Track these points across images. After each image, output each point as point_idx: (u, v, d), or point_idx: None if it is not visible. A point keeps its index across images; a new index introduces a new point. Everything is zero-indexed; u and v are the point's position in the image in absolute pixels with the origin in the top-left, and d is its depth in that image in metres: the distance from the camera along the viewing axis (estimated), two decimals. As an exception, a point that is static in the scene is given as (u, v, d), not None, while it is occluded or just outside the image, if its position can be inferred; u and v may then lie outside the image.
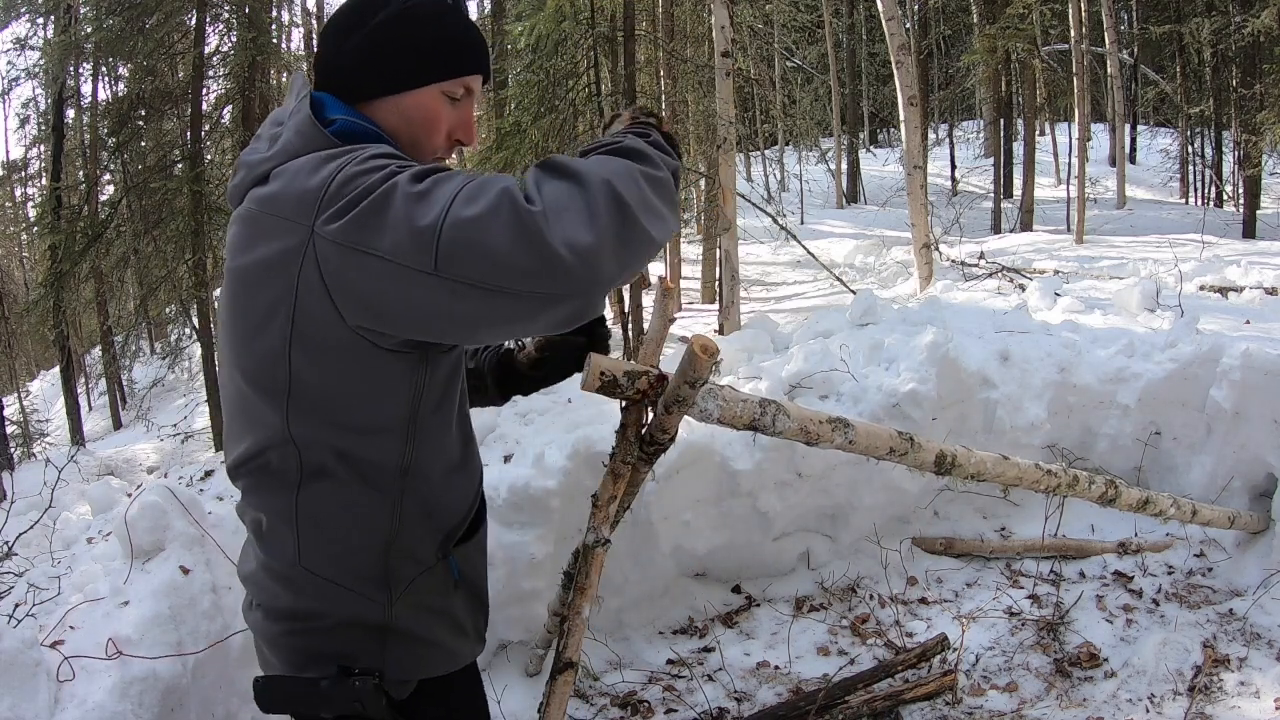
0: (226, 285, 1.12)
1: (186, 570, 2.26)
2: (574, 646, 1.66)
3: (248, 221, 1.08)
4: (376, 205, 0.96)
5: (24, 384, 17.36)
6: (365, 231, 0.96)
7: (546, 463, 2.90)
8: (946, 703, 2.62)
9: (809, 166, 18.31)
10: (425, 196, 0.95)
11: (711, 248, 11.82)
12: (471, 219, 0.92)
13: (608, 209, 0.94)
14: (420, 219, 0.93)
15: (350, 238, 0.96)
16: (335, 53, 1.19)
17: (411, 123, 1.19)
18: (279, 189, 1.04)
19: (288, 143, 1.09)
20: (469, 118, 1.24)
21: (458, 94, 1.21)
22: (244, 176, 1.12)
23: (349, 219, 0.96)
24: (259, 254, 1.04)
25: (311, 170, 1.03)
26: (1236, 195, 15.74)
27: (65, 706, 1.87)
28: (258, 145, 1.15)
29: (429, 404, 1.14)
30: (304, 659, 1.16)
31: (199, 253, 10.21)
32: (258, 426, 1.11)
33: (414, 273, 0.94)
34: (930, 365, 3.42)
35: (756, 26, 14.37)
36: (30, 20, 12.19)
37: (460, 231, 0.92)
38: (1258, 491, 3.24)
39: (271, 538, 1.15)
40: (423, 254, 0.93)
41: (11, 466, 10.66)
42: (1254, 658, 2.63)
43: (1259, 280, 6.93)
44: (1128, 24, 19.90)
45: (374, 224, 0.95)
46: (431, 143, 1.21)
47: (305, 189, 1.01)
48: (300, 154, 1.07)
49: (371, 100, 1.18)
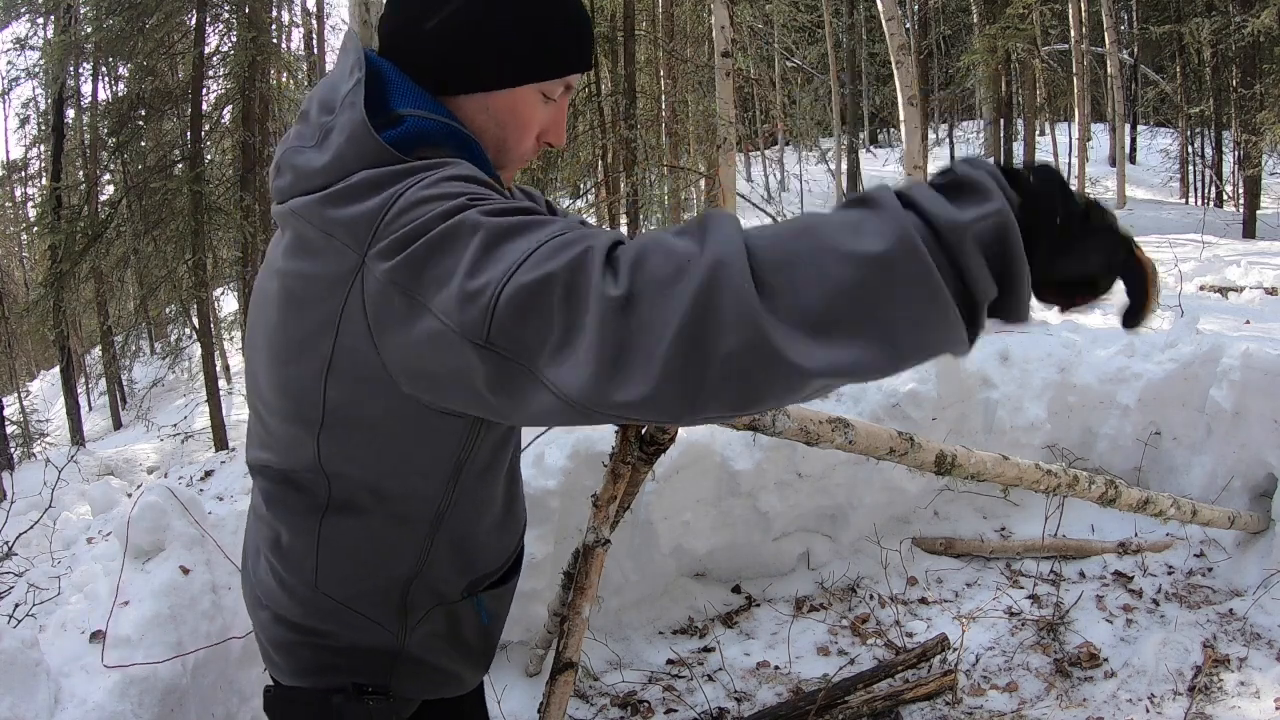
0: (270, 282, 0.97)
1: (186, 570, 2.26)
2: (574, 646, 1.66)
3: (296, 230, 0.92)
4: (434, 246, 0.77)
5: (24, 384, 17.38)
6: (417, 277, 0.78)
7: (546, 463, 2.90)
8: (946, 703, 2.62)
9: (809, 166, 18.33)
10: (493, 249, 0.74)
11: (711, 248, 11.80)
12: (533, 285, 0.70)
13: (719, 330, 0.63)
14: (478, 275, 0.73)
15: (400, 279, 0.79)
16: (416, 26, 0.98)
17: (501, 124, 1.01)
18: (331, 203, 0.88)
19: (340, 152, 0.90)
20: (562, 117, 1.07)
21: (556, 93, 1.04)
22: (290, 181, 0.94)
23: (403, 258, 0.79)
24: (307, 268, 0.90)
25: (369, 189, 0.85)
26: (1236, 195, 15.76)
27: (65, 706, 1.87)
28: (303, 134, 0.96)
29: (475, 467, 1.03)
30: (312, 668, 1.13)
31: (199, 253, 10.21)
32: (286, 447, 1.02)
33: (462, 341, 0.74)
34: (930, 365, 3.42)
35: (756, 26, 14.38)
36: (30, 20, 12.19)
37: (520, 299, 0.71)
38: (1258, 491, 3.24)
39: (290, 555, 1.08)
40: (474, 320, 0.73)
41: (11, 466, 10.67)
42: (1254, 658, 2.63)
43: (1259, 280, 6.94)
44: (1128, 24, 19.91)
45: (428, 270, 0.77)
46: (521, 146, 1.04)
47: (360, 212, 0.84)
48: (353, 169, 0.88)
49: (454, 95, 0.99)
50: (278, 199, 0.96)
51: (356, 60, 0.95)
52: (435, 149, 0.93)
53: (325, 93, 0.96)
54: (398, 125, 0.93)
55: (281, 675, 1.18)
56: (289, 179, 0.94)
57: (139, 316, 11.64)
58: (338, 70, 0.98)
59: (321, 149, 0.92)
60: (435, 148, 0.93)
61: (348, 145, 0.89)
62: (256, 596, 1.17)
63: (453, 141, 0.96)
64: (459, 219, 0.77)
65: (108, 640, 2.04)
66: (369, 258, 0.82)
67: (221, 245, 11.63)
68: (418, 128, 0.93)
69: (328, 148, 0.91)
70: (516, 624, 2.80)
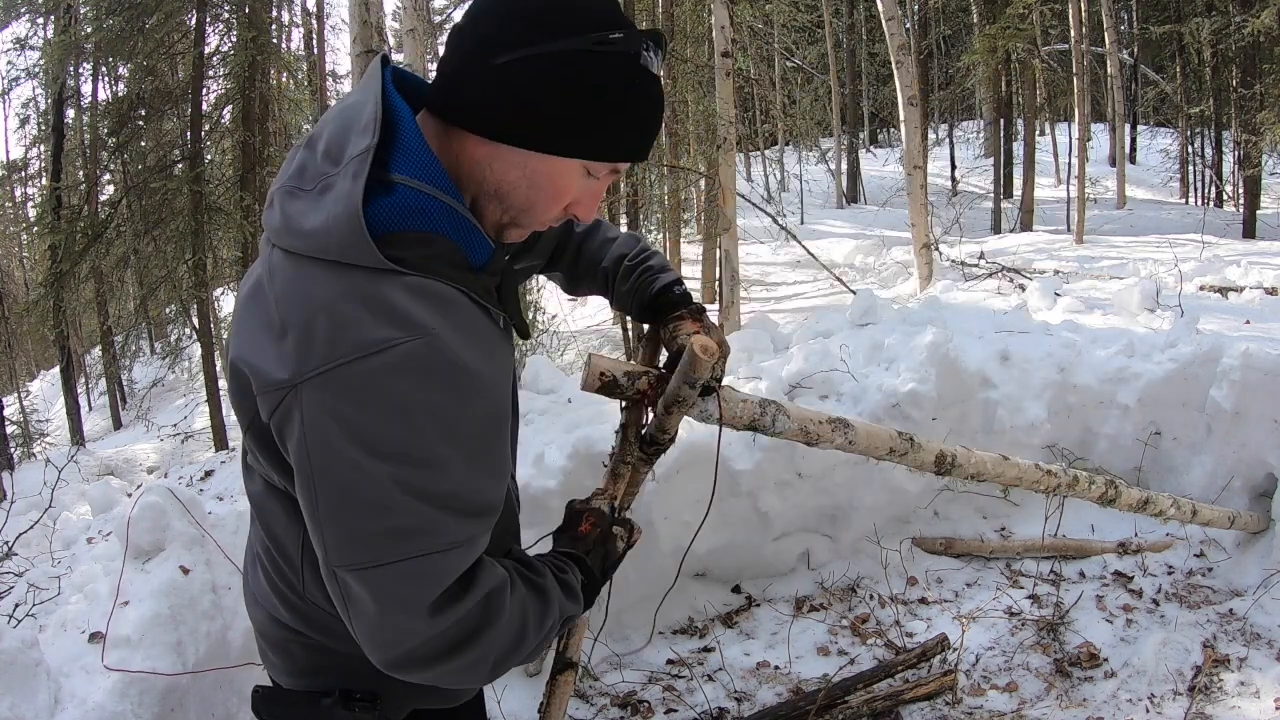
0: (242, 311, 1.01)
1: (186, 570, 2.26)
2: (574, 646, 1.66)
3: (270, 283, 0.95)
4: (346, 493, 0.90)
5: (24, 384, 17.37)
6: (330, 470, 0.89)
7: (546, 463, 2.90)
8: (946, 703, 2.62)
9: (809, 166, 18.32)
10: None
11: (711, 248, 11.82)
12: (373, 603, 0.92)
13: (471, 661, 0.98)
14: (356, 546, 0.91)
15: (311, 441, 0.89)
16: (486, 58, 0.90)
17: (535, 187, 0.96)
18: (300, 306, 0.89)
19: (328, 226, 0.89)
20: (599, 196, 1.02)
21: (601, 173, 0.98)
22: (280, 225, 0.95)
23: (329, 428, 0.88)
24: (261, 341, 0.94)
25: (344, 317, 0.87)
26: (1236, 195, 15.76)
27: (65, 706, 1.87)
28: (304, 173, 0.95)
29: None
30: (306, 668, 1.15)
31: (199, 253, 10.22)
32: (271, 458, 1.02)
33: (320, 540, 0.93)
34: (930, 365, 3.42)
35: (756, 26, 14.37)
36: (30, 20, 12.21)
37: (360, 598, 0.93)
38: (1258, 491, 3.24)
39: (279, 562, 1.11)
40: (331, 559, 0.92)
41: (11, 466, 10.67)
42: (1254, 658, 2.63)
43: (1259, 280, 6.94)
44: (1128, 24, 19.92)
45: (343, 487, 0.90)
46: (547, 214, 1.00)
47: (321, 337, 0.87)
48: (332, 253, 0.89)
49: (497, 141, 0.93)
50: (267, 233, 0.97)
51: (373, 116, 0.91)
52: (419, 235, 0.92)
53: (336, 132, 0.94)
54: (389, 193, 0.91)
55: (277, 674, 1.19)
56: (279, 221, 0.95)
57: (139, 316, 11.65)
58: (356, 103, 0.95)
59: (314, 206, 0.91)
60: (419, 233, 0.92)
61: (334, 224, 0.89)
62: (254, 596, 1.20)
63: (442, 223, 0.94)
64: (383, 493, 0.88)
65: (108, 640, 2.04)
66: (303, 385, 0.87)
67: (221, 245, 11.63)
68: (406, 203, 0.91)
69: (319, 209, 0.91)
70: (516, 624, 2.80)
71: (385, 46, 5.96)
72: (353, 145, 0.91)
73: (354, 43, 5.02)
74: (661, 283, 1.45)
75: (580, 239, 1.48)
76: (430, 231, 0.93)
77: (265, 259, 0.98)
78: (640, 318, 1.49)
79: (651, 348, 1.54)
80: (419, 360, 0.87)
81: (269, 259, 0.96)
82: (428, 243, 0.92)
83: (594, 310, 12.49)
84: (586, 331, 11.99)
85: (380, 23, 5.19)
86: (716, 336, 1.40)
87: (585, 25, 0.90)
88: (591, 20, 0.91)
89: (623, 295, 1.48)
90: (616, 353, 10.20)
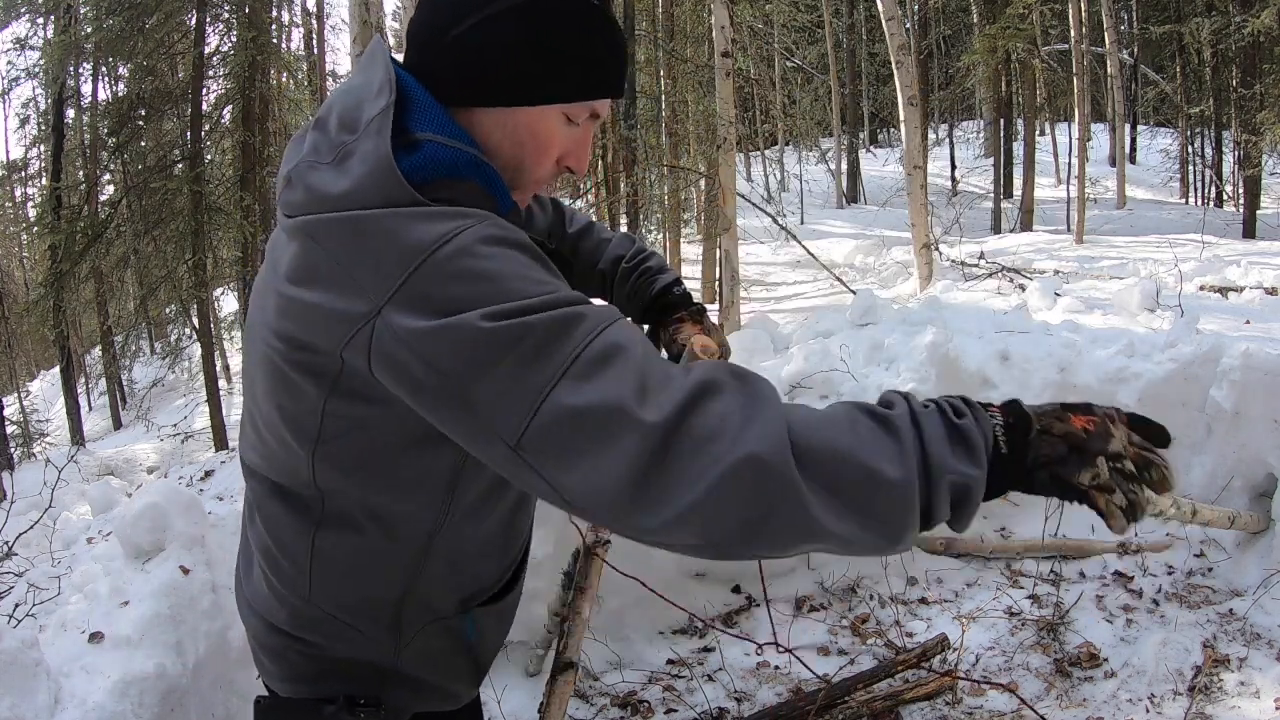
0: (269, 298, 0.94)
1: (186, 570, 2.26)
2: (574, 646, 1.66)
3: (305, 249, 0.89)
4: (482, 343, 0.80)
5: (24, 384, 17.38)
6: (456, 359, 0.80)
7: (546, 463, 2.90)
8: (946, 703, 2.62)
9: (809, 166, 18.33)
10: (536, 359, 0.79)
11: (711, 248, 11.83)
12: (578, 409, 0.78)
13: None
14: (526, 382, 0.79)
15: (427, 350, 0.81)
16: (442, 33, 0.95)
17: (519, 144, 0.98)
18: (350, 237, 0.86)
19: (359, 184, 0.87)
20: (586, 142, 1.02)
21: (580, 117, 0.99)
22: (303, 199, 0.91)
23: (437, 333, 0.80)
24: (313, 298, 0.87)
25: (392, 233, 0.84)
26: (1236, 195, 15.76)
27: (65, 706, 1.87)
28: (319, 148, 0.93)
29: (471, 491, 1.04)
30: (305, 675, 1.13)
31: (199, 253, 10.22)
32: (281, 460, 1.01)
33: (491, 436, 0.81)
34: (930, 365, 3.42)
35: (756, 26, 14.38)
36: (30, 20, 12.21)
37: (563, 420, 0.78)
38: (1258, 491, 3.24)
39: (284, 566, 1.08)
40: (510, 428, 0.80)
41: (11, 466, 10.67)
42: (1254, 658, 2.63)
43: (1259, 280, 6.94)
44: (1128, 24, 19.93)
45: (471, 364, 0.80)
46: (539, 169, 1.01)
47: (381, 256, 0.83)
48: (371, 204, 0.86)
49: (472, 107, 0.96)
50: (287, 212, 0.93)
51: (386, 80, 0.92)
52: (452, 182, 0.92)
53: (347, 105, 0.93)
54: (414, 150, 0.91)
55: (273, 681, 1.17)
56: (301, 195, 0.91)
57: (139, 316, 11.65)
58: (362, 81, 0.95)
59: (339, 171, 0.89)
60: (453, 180, 0.92)
61: (368, 178, 0.87)
62: (248, 602, 1.17)
63: (471, 172, 0.94)
64: (510, 326, 0.80)
65: (108, 640, 2.04)
66: (386, 308, 0.82)
67: (221, 245, 11.63)
68: (435, 156, 0.91)
69: (346, 173, 0.89)
70: (517, 624, 2.77)
71: (385, 46, 5.95)
72: (368, 110, 0.91)
73: (354, 43, 5.03)
74: (661, 284, 1.45)
75: (575, 239, 1.46)
76: (463, 179, 0.93)
77: (281, 245, 0.94)
78: (640, 320, 1.48)
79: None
80: (487, 234, 0.85)
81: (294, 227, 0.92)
82: (464, 189, 0.92)
83: (594, 310, 12.45)
84: (586, 331, 11.98)
85: (380, 23, 5.20)
86: (718, 338, 1.40)
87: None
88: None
89: (622, 298, 1.47)
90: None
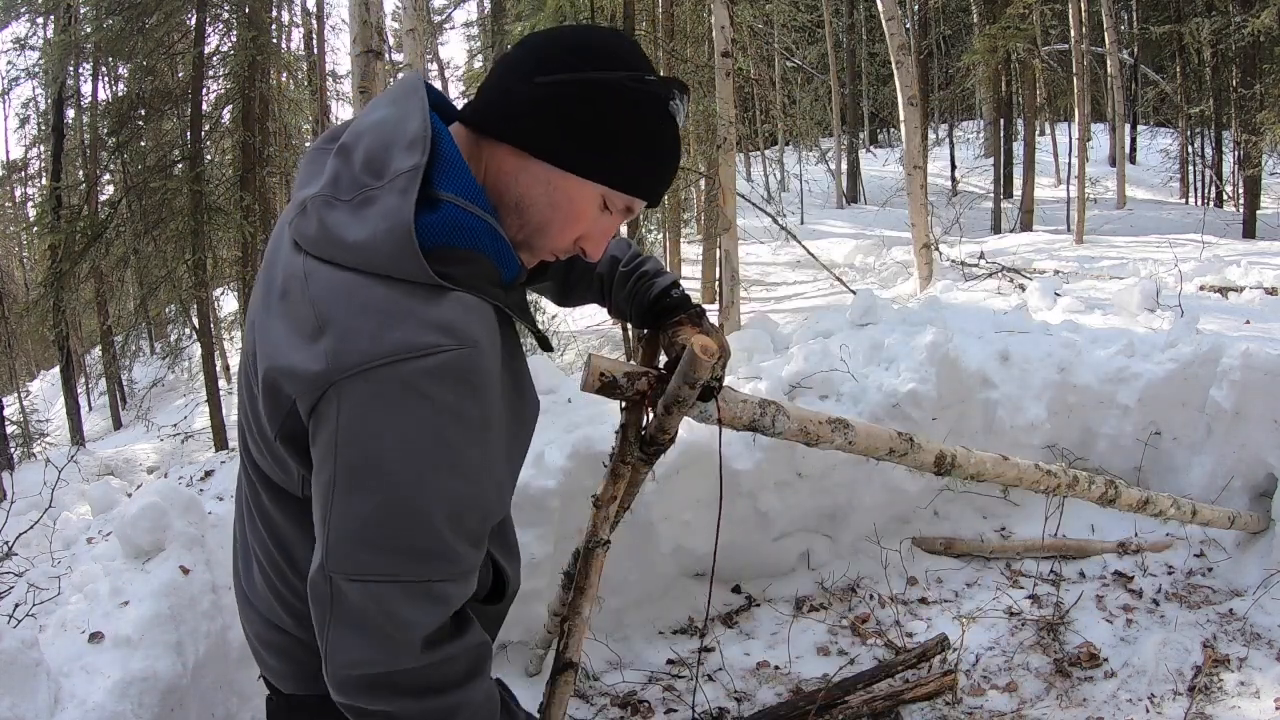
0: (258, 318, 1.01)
1: (186, 570, 2.26)
2: (574, 646, 1.66)
3: (291, 289, 0.95)
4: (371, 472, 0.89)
5: (24, 384, 17.36)
6: (348, 465, 0.90)
7: (546, 463, 2.90)
8: (946, 703, 2.62)
9: (809, 166, 18.31)
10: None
11: (711, 248, 11.81)
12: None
13: None
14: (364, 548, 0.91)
15: (345, 432, 0.89)
16: (515, 82, 0.98)
17: (553, 206, 1.01)
18: (337, 293, 0.91)
19: (374, 242, 0.91)
20: (609, 233, 1.07)
21: (616, 207, 1.04)
22: (316, 236, 0.95)
23: (359, 457, 0.89)
24: (282, 329, 0.94)
25: (387, 316, 0.89)
26: (1236, 195, 15.76)
27: (65, 706, 1.87)
28: (339, 183, 0.96)
29: None
30: (312, 671, 1.10)
31: (199, 253, 10.20)
32: (279, 464, 1.03)
33: (322, 542, 0.93)
34: (930, 365, 3.42)
35: (756, 26, 14.37)
36: (30, 20, 12.20)
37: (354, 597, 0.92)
38: (1258, 491, 3.24)
39: (284, 570, 1.10)
40: (332, 567, 0.92)
41: (11, 466, 10.66)
42: (1254, 658, 2.63)
43: (1259, 280, 6.93)
44: (1128, 24, 19.92)
45: (359, 509, 0.90)
46: (560, 238, 1.04)
47: (362, 332, 0.88)
48: (379, 268, 0.91)
49: (526, 153, 0.99)
50: (299, 242, 0.97)
51: (421, 133, 0.95)
52: (463, 253, 0.96)
53: (375, 145, 0.96)
54: (434, 209, 0.94)
55: (276, 678, 1.17)
56: (315, 232, 0.95)
57: (139, 316, 11.62)
58: (395, 116, 0.98)
59: (357, 218, 0.93)
60: (463, 250, 0.96)
61: (385, 237, 0.91)
62: (248, 599, 1.17)
63: (484, 243, 0.98)
64: (401, 525, 0.90)
65: (108, 640, 2.04)
66: (344, 380, 0.88)
67: (221, 245, 11.61)
68: (452, 220, 0.95)
69: (364, 222, 0.92)
70: (517, 624, 2.80)
71: (385, 46, 5.96)
72: (398, 160, 0.94)
73: (354, 43, 5.02)
74: (659, 286, 1.45)
75: None
76: (474, 249, 0.97)
77: (295, 265, 0.97)
78: (640, 323, 1.49)
79: (651, 348, 1.54)
80: (462, 370, 0.89)
81: (303, 266, 0.95)
82: (473, 261, 0.96)
83: (594, 310, 12.48)
84: (586, 332, 11.99)
85: (380, 23, 5.19)
86: (717, 339, 1.40)
87: (625, 64, 0.99)
88: (630, 62, 0.99)
89: (620, 301, 1.48)
90: (616, 353, 10.20)
